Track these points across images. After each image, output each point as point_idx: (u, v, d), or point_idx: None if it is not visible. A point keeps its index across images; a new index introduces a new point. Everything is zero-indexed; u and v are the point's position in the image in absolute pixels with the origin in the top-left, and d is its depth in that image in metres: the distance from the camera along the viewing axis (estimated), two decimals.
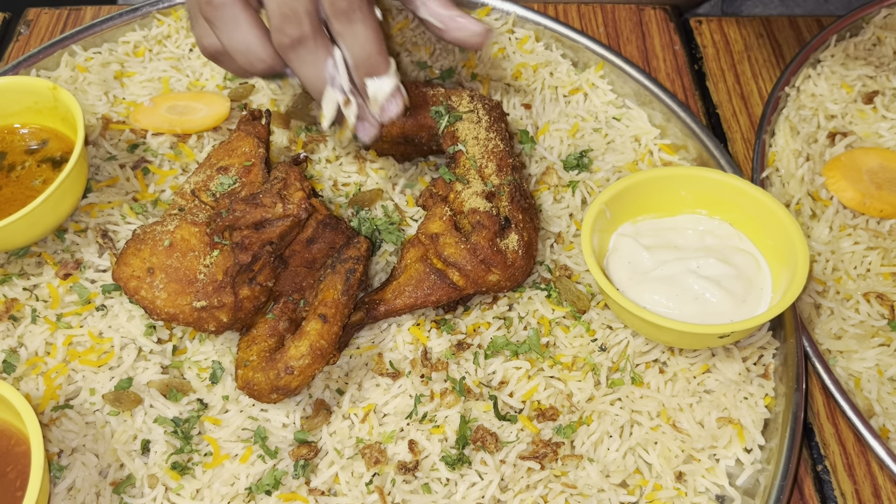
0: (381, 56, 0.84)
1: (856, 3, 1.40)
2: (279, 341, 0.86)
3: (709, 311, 0.87)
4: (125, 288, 0.86)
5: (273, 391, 0.82)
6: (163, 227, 0.89)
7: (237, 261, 0.83)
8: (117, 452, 0.84)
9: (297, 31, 0.81)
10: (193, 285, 0.85)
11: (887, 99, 1.13)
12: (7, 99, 1.01)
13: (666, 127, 1.12)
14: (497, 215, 0.90)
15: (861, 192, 1.03)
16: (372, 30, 0.83)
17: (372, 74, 0.85)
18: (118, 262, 0.87)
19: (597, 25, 1.29)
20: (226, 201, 0.88)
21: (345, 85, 0.84)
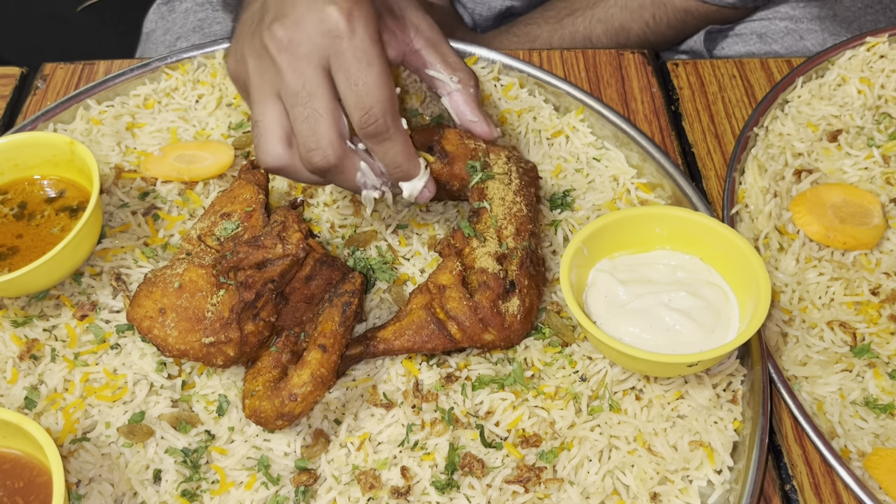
0: (411, 163, 0.93)
1: (830, 41, 1.48)
2: (282, 372, 0.92)
3: (679, 342, 0.93)
4: (139, 328, 0.93)
5: (278, 418, 0.88)
6: (172, 271, 0.96)
7: (242, 299, 0.90)
8: (131, 482, 0.90)
9: (325, 162, 0.89)
10: (202, 323, 0.92)
11: (851, 137, 1.20)
12: (28, 153, 1.09)
13: (642, 166, 1.19)
14: (504, 278, 0.96)
15: (825, 225, 1.10)
16: (401, 144, 0.91)
17: (404, 180, 0.94)
18: (132, 303, 0.95)
19: (579, 70, 1.36)
20: (230, 244, 0.95)
21: (376, 184, 0.94)
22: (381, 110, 0.88)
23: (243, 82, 0.95)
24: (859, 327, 1.02)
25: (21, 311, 1.03)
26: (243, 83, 0.95)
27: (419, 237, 1.10)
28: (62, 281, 1.04)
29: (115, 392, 0.97)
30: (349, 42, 0.86)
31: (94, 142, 1.22)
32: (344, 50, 0.87)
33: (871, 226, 1.10)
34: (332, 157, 0.89)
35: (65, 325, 1.01)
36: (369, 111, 0.88)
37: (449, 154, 1.05)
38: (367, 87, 0.87)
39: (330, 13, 0.86)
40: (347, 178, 0.93)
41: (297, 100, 0.88)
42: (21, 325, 1.02)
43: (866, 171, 1.17)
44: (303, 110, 0.88)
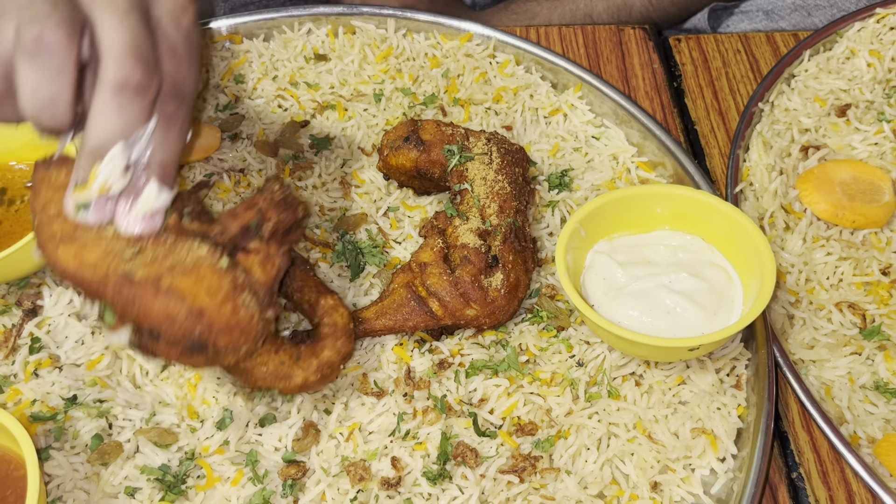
0: (174, 172, 0.79)
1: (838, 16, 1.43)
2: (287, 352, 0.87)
3: (680, 325, 0.89)
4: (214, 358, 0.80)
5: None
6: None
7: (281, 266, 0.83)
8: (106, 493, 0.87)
9: (55, 123, 0.73)
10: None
11: (860, 111, 1.16)
12: (5, 137, 1.05)
13: (643, 145, 1.15)
14: (486, 253, 0.93)
15: (834, 203, 1.06)
16: (181, 143, 0.79)
17: (159, 180, 0.78)
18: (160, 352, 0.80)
19: (577, 47, 1.32)
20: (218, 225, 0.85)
21: (136, 154, 0.76)
22: (149, 62, 0.73)
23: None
24: (869, 308, 0.98)
25: (1, 299, 1.00)
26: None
27: (411, 220, 1.07)
28: (43, 268, 1.01)
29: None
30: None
31: None
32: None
33: (882, 203, 1.06)
34: (66, 120, 0.73)
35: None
36: (138, 58, 0.72)
37: (426, 142, 1.02)
38: (133, 28, 0.72)
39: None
40: (142, 112, 0.73)
41: (31, 38, 0.70)
42: (1, 314, 0.99)
43: (876, 146, 1.12)
44: (38, 56, 0.70)
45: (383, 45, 1.26)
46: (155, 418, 0.90)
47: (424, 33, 1.28)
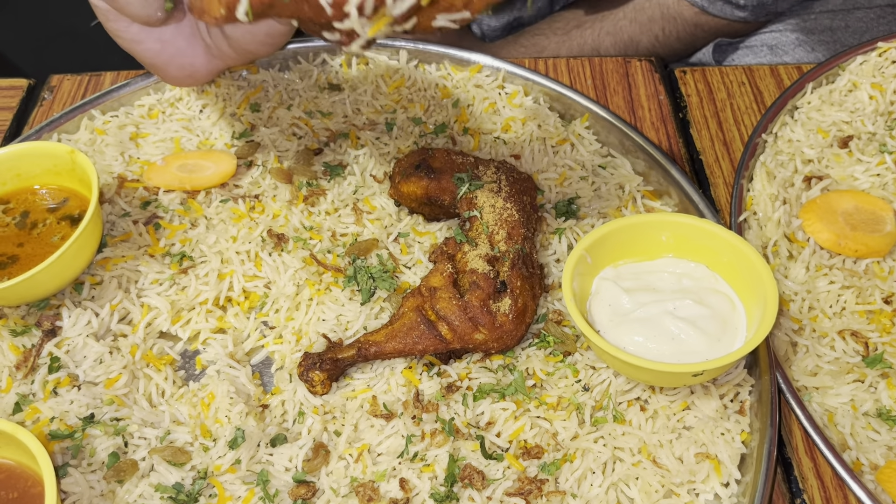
0: None
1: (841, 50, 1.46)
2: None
3: (684, 351, 0.91)
4: None
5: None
6: None
7: None
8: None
9: None
10: None
11: (862, 143, 1.18)
12: (30, 163, 1.09)
13: (649, 174, 1.17)
14: (494, 279, 0.96)
15: (836, 233, 1.07)
16: None
17: None
18: None
19: (585, 78, 1.35)
20: None
21: None
22: None
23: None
24: (872, 336, 0.99)
25: (21, 319, 1.02)
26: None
27: (420, 245, 1.09)
28: (62, 289, 1.04)
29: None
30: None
31: (98, 152, 1.22)
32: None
33: (884, 233, 1.08)
34: None
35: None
36: None
37: (436, 170, 1.05)
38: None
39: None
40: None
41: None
42: (19, 335, 1.01)
43: (878, 177, 1.14)
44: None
45: (395, 76, 1.29)
46: (169, 437, 0.92)
47: (436, 64, 1.31)
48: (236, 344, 1.02)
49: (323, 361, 0.96)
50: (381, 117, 1.25)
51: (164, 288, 1.06)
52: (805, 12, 1.65)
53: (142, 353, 1.00)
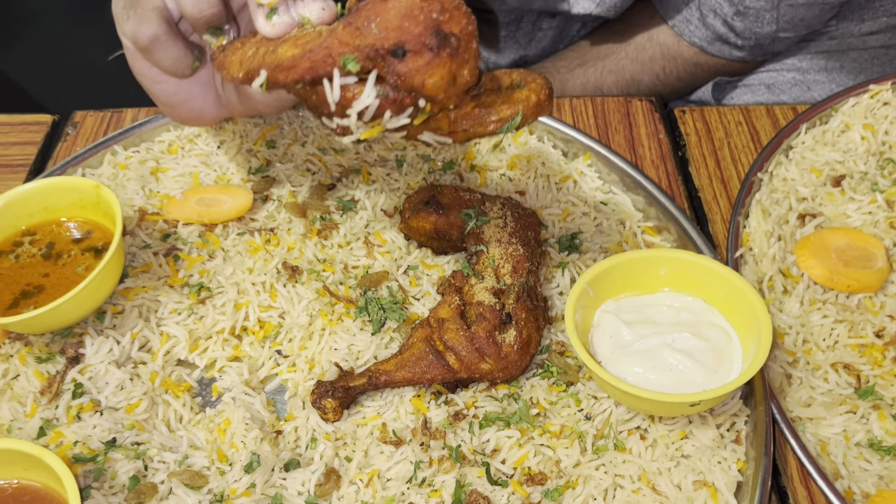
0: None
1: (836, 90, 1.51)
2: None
3: (682, 381, 0.95)
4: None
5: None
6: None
7: None
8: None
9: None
10: None
11: (854, 182, 1.22)
12: (56, 197, 1.14)
13: (649, 210, 1.22)
14: (500, 311, 1.00)
15: (829, 269, 1.11)
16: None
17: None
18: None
19: (587, 117, 1.40)
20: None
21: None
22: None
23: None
24: (863, 369, 1.03)
25: (45, 347, 1.07)
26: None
27: (429, 278, 1.13)
28: (85, 318, 1.08)
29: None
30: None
31: (120, 186, 1.27)
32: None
33: (875, 269, 1.12)
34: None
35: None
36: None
37: (445, 206, 1.10)
38: None
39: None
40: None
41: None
42: (44, 362, 1.05)
43: (870, 215, 1.19)
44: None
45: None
46: (187, 461, 0.96)
47: None
48: (251, 372, 1.06)
49: (335, 389, 1.00)
50: (391, 154, 1.30)
51: (183, 317, 1.10)
52: (801, 52, 1.70)
53: (161, 380, 1.04)
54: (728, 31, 1.60)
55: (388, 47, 0.74)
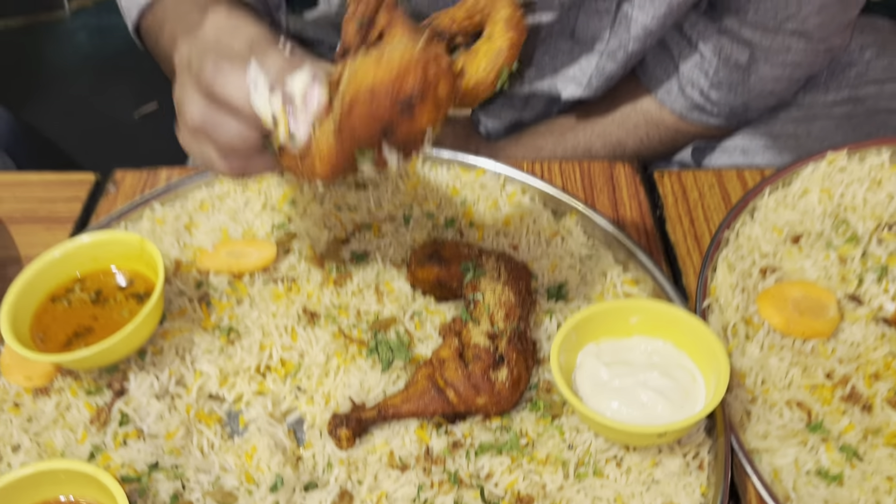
0: (290, 63, 0.92)
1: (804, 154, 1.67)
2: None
3: (652, 415, 1.09)
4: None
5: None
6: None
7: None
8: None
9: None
10: None
11: (811, 240, 1.38)
12: (104, 249, 1.29)
13: (628, 264, 1.37)
14: (494, 352, 1.14)
15: (787, 318, 1.26)
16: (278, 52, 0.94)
17: (287, 75, 0.91)
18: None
19: (575, 179, 1.57)
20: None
21: (265, 90, 0.90)
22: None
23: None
24: (814, 407, 1.16)
25: (93, 381, 1.21)
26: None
27: (432, 322, 1.28)
28: (129, 357, 1.23)
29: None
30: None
31: (158, 239, 1.42)
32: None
33: (828, 318, 1.26)
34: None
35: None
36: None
37: (446, 259, 1.25)
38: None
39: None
40: (238, 77, 0.93)
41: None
42: (93, 395, 1.20)
43: (824, 270, 1.33)
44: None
45: (412, 177, 1.51)
46: (219, 482, 1.10)
47: (447, 167, 1.53)
48: (274, 405, 1.20)
49: (349, 421, 1.13)
50: (399, 212, 1.46)
51: (214, 356, 1.24)
52: (773, 120, 1.87)
53: (195, 412, 1.18)
54: (705, 101, 1.77)
55: (378, 134, 0.86)
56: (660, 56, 1.79)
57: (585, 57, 1.72)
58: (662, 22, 1.59)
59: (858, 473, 1.10)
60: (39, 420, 1.17)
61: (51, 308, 1.25)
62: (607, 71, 1.72)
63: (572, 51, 1.73)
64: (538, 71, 1.78)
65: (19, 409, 1.19)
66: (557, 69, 1.77)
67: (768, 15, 1.59)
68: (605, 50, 1.68)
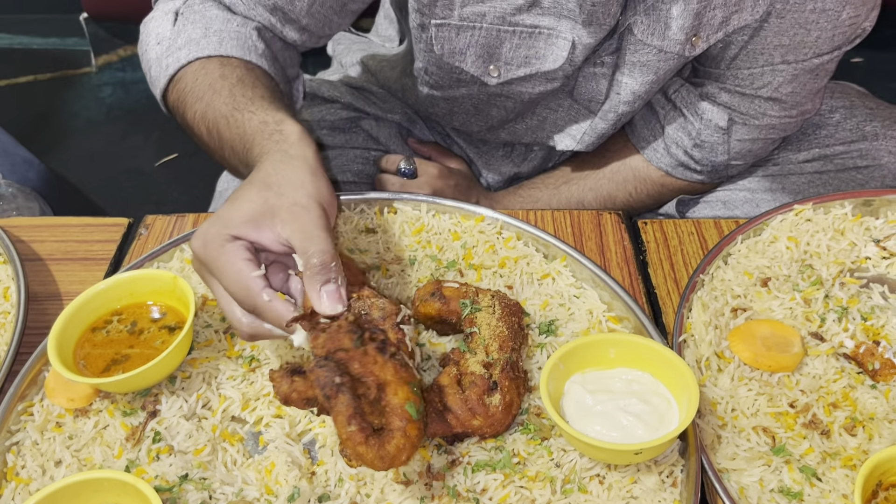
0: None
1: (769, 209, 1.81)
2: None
3: (631, 437, 1.20)
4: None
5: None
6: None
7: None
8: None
9: (252, 303, 1.14)
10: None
11: (779, 283, 1.51)
12: (140, 285, 1.43)
13: (612, 303, 1.51)
14: (488, 379, 1.27)
15: (755, 352, 1.39)
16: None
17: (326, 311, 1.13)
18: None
19: (566, 227, 1.71)
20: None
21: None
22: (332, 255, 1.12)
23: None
24: (778, 432, 1.29)
25: (128, 404, 1.34)
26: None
27: (434, 353, 1.41)
28: (161, 382, 1.36)
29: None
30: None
31: (186, 277, 1.55)
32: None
33: (792, 353, 1.39)
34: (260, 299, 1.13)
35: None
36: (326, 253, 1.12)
37: (446, 297, 1.38)
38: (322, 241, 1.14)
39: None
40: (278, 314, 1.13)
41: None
42: (128, 415, 1.33)
43: (790, 310, 1.47)
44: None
45: (417, 223, 1.66)
46: (242, 493, 1.22)
47: (449, 214, 1.68)
48: (291, 427, 1.32)
49: None
50: (405, 254, 1.60)
51: (237, 382, 1.37)
52: (751, 175, 2.03)
53: (220, 432, 1.30)
54: (688, 158, 1.93)
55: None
56: (647, 117, 1.95)
57: (581, 114, 1.89)
58: (649, 87, 1.76)
59: (817, 492, 1.22)
60: (80, 438, 1.30)
61: (91, 337, 1.39)
62: (599, 129, 1.89)
63: (571, 108, 1.89)
64: (539, 123, 1.94)
65: (62, 428, 1.32)
66: (557, 123, 1.93)
67: (745, 83, 1.76)
68: (599, 110, 1.85)
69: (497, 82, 1.73)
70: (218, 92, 1.47)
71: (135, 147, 3.25)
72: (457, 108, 1.92)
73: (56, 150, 3.26)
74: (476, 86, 1.77)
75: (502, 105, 1.84)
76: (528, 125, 1.96)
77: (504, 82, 1.73)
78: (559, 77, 1.72)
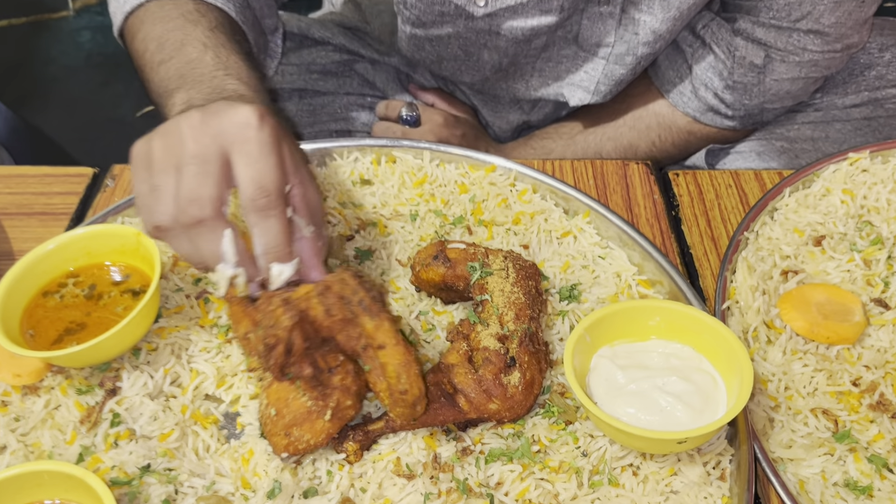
0: (286, 248, 1.01)
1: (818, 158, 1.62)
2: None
3: (671, 421, 1.03)
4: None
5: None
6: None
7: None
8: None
9: (201, 213, 0.97)
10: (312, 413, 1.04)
11: (834, 242, 1.32)
12: (99, 242, 1.24)
13: (643, 265, 1.32)
14: (505, 355, 1.09)
15: (810, 322, 1.20)
16: (282, 225, 1.00)
17: (277, 261, 1.02)
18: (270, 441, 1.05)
19: (587, 178, 1.52)
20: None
21: (232, 260, 1.02)
22: (274, 189, 0.97)
23: (145, 157, 1.01)
24: (841, 415, 1.11)
25: (85, 380, 1.16)
26: (145, 157, 1.01)
27: (439, 322, 1.23)
28: (122, 354, 1.18)
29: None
30: (256, 132, 0.98)
31: None
32: (250, 137, 0.97)
33: (853, 323, 1.21)
34: (209, 210, 0.97)
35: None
36: (263, 187, 0.97)
37: (452, 260, 1.19)
38: (265, 168, 0.97)
39: (245, 109, 0.99)
40: (214, 241, 0.99)
41: (191, 161, 0.96)
42: (84, 394, 1.14)
43: (848, 273, 1.28)
44: (194, 168, 0.97)
45: (419, 174, 1.46)
46: (214, 486, 1.04)
47: (455, 164, 1.48)
48: None
49: (356, 434, 1.08)
50: (406, 209, 1.41)
51: (212, 355, 1.19)
52: (789, 122, 1.82)
53: (191, 413, 1.12)
54: (719, 102, 1.73)
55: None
56: (672, 57, 1.74)
57: (591, 62, 1.68)
58: (672, 25, 1.55)
59: (889, 486, 1.04)
60: (27, 420, 1.12)
61: (42, 303, 1.20)
62: (616, 75, 1.68)
63: (577, 57, 1.68)
64: (542, 79, 1.73)
65: (6, 408, 1.14)
66: (562, 76, 1.72)
67: (782, 14, 1.55)
68: (612, 54, 1.64)
69: (484, 12, 1.50)
70: (194, 23, 1.32)
71: (115, 95, 3.05)
72: (444, 53, 1.69)
73: (31, 98, 3.05)
74: (462, 19, 1.54)
75: (493, 46, 1.61)
76: (529, 83, 1.75)
77: (492, 13, 1.50)
78: (555, 8, 1.50)
